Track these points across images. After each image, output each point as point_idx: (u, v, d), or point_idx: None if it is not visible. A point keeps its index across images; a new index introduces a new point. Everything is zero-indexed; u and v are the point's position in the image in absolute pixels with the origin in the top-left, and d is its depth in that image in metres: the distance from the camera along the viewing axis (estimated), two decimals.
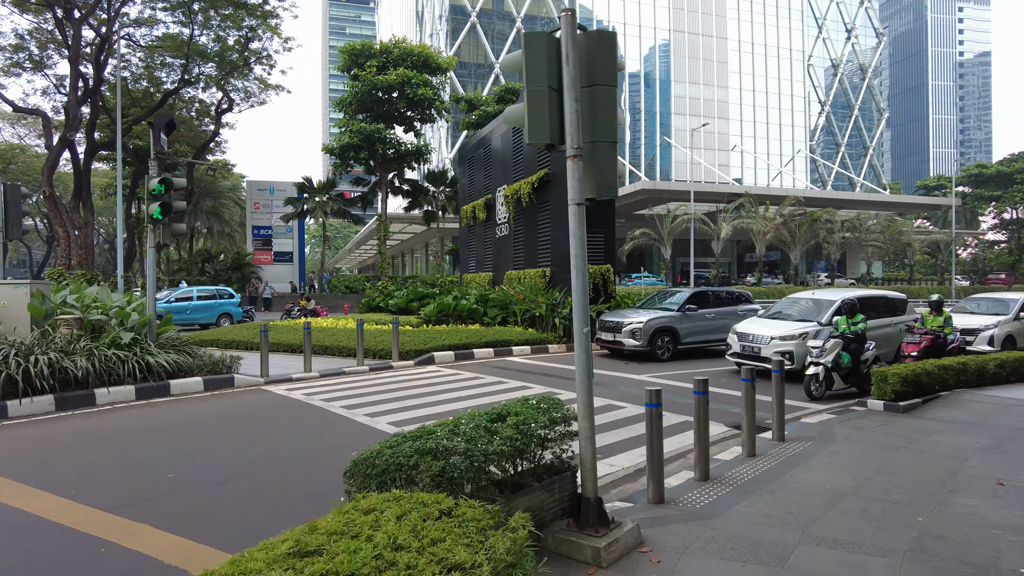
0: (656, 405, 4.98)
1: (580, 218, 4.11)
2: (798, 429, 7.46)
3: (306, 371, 11.44)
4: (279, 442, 6.96)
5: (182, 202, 10.42)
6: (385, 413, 8.27)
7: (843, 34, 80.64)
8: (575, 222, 4.11)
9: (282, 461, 6.24)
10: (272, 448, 6.73)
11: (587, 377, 4.03)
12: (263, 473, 5.81)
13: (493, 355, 14.12)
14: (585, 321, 4.05)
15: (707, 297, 14.93)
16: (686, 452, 6.60)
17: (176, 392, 9.70)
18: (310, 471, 5.89)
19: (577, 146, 4.04)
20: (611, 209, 17.13)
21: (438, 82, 33.58)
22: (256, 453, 6.52)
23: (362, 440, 6.92)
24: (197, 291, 22.96)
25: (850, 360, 9.59)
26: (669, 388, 10.21)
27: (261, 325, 12.83)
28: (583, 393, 4.03)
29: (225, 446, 6.82)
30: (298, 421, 7.98)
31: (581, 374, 4.03)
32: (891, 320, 12.29)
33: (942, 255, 56.56)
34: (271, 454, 6.48)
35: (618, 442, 6.95)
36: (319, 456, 6.38)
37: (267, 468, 5.97)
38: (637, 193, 44.29)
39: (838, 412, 8.48)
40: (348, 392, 9.83)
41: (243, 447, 6.79)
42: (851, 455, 6.29)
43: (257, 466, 6.03)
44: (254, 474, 5.77)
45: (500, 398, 9.21)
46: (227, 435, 7.32)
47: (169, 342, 10.39)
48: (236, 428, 7.67)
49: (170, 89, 31.08)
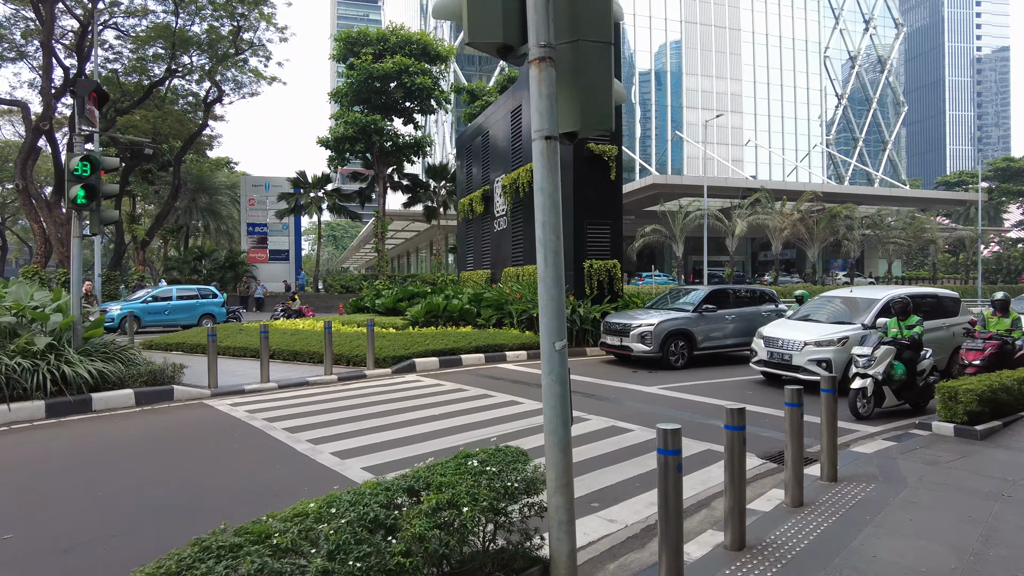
0: (673, 452, 3.39)
1: (551, 164, 2.53)
2: (852, 462, 5.83)
3: (263, 381, 9.91)
4: (180, 482, 5.42)
5: (113, 185, 8.93)
6: (333, 439, 6.71)
7: (860, 25, 78.25)
8: (544, 171, 2.53)
9: (168, 512, 4.69)
10: (167, 491, 5.18)
11: (562, 425, 2.45)
12: (128, 535, 4.27)
13: (484, 361, 12.55)
14: (559, 331, 2.48)
15: (726, 296, 13.26)
16: (711, 498, 5.01)
17: (100, 408, 8.21)
18: (195, 530, 4.32)
19: (545, 43, 2.45)
20: (618, 197, 15.49)
21: (438, 71, 32.00)
22: (140, 500, 4.98)
23: (293, 479, 5.39)
24: (177, 290, 21.56)
25: (904, 371, 7.93)
26: (686, 404, 8.59)
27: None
28: (555, 451, 2.46)
29: (109, 487, 5.29)
30: (222, 449, 6.45)
31: (553, 421, 2.46)
32: (942, 322, 10.58)
33: (967, 252, 54.26)
34: (160, 502, 4.94)
35: (622, 482, 5.35)
36: (219, 506, 4.83)
37: (138, 527, 4.43)
38: (647, 188, 42.54)
39: (896, 437, 6.83)
40: (301, 409, 8.29)
41: (130, 489, 5.25)
42: (936, 507, 4.65)
43: (128, 522, 4.49)
44: (114, 536, 4.23)
45: (481, 417, 7.64)
46: (122, 470, 5.78)
47: (99, 348, 8.90)
48: (140, 458, 6.14)
49: (154, 80, 29.72)
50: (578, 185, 14.68)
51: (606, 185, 15.09)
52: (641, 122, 67.02)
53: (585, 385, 10.09)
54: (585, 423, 7.40)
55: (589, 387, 9.91)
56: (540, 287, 2.47)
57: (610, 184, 15.14)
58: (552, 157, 2.53)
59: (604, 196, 15.10)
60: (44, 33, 22.83)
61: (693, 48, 68.25)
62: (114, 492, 5.15)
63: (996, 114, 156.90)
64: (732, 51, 69.82)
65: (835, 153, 73.48)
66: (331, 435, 6.87)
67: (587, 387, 9.90)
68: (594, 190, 14.87)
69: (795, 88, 72.70)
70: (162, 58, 30.90)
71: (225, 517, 4.52)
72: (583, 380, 10.56)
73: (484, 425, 7.25)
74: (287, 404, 8.65)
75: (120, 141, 23.29)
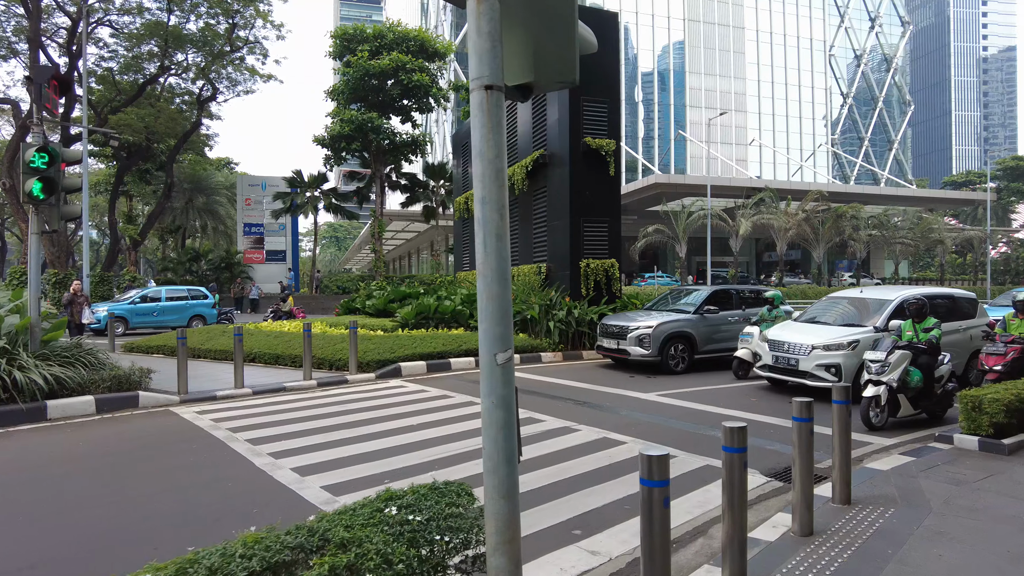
0: (659, 484, 2.81)
1: (493, 121, 1.95)
2: (867, 480, 5.23)
3: (236, 387, 9.35)
4: (116, 504, 4.85)
5: (76, 179, 8.37)
6: (297, 453, 6.14)
7: (866, 23, 77.35)
8: (484, 130, 1.96)
9: (85, 544, 4.13)
10: (97, 515, 4.62)
11: (504, 464, 1.87)
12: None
13: (474, 365, 11.96)
14: (501, 338, 1.90)
15: (729, 297, 12.65)
16: (709, 524, 4.42)
17: (56, 416, 7.66)
18: (105, 568, 3.77)
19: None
20: (617, 194, 14.88)
21: (436, 68, 31.44)
22: (60, 527, 4.41)
23: (241, 500, 4.84)
24: (166, 291, 21.05)
25: (921, 378, 7.32)
26: (685, 412, 8.00)
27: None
28: (496, 498, 1.87)
29: (34, 509, 4.72)
30: (175, 464, 5.88)
31: (493, 458, 1.88)
32: (959, 325, 9.95)
33: (975, 253, 53.39)
34: (83, 530, 4.37)
35: (610, 504, 4.76)
36: (148, 536, 4.26)
37: (44, 564, 3.87)
38: (650, 187, 41.90)
39: (914, 451, 6.23)
40: (271, 418, 7.72)
41: (57, 512, 4.68)
42: (969, 539, 4.04)
43: (38, 556, 3.92)
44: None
45: (461, 428, 7.06)
46: (56, 489, 5.22)
47: (59, 352, 8.35)
48: (81, 475, 5.59)
49: (148, 78, 29.26)
50: (575, 181, 14.09)
51: (604, 181, 14.49)
52: (644, 122, 66.34)
53: (578, 391, 9.50)
54: (573, 434, 6.81)
55: (582, 393, 9.32)
56: (479, 282, 1.90)
57: (608, 180, 14.55)
58: (495, 112, 1.95)
59: (602, 193, 14.50)
60: (31, 28, 22.39)
61: (696, 47, 67.50)
62: (38, 516, 4.58)
63: (1003, 114, 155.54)
64: (736, 49, 69.02)
65: (840, 153, 72.63)
66: (296, 448, 6.31)
67: (580, 394, 9.32)
68: (591, 187, 14.28)
69: (800, 87, 71.85)
70: (156, 56, 30.47)
71: (152, 549, 3.96)
72: (576, 386, 9.98)
73: (463, 437, 6.68)
74: (257, 412, 8.09)
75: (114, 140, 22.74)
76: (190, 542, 3.91)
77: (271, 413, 8.01)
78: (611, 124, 14.55)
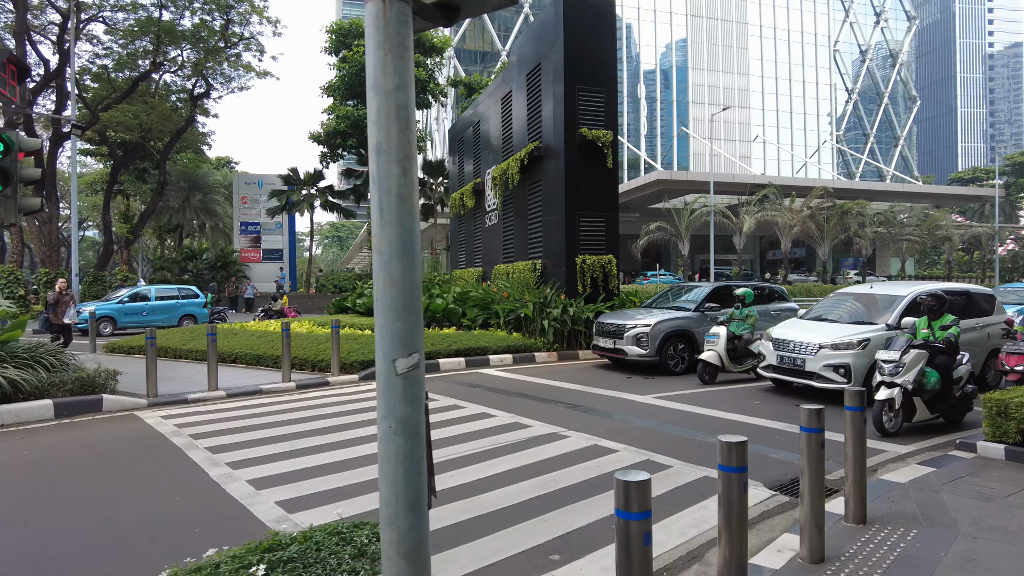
0: (638, 516, 2.30)
1: (395, 41, 1.42)
2: (884, 495, 4.70)
3: (210, 389, 8.86)
4: (46, 523, 4.34)
5: (35, 170, 7.85)
6: (258, 462, 5.63)
7: (871, 18, 76.50)
8: (381, 53, 1.42)
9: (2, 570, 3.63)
10: (19, 537, 4.12)
11: (407, 513, 1.35)
12: None
13: (464, 366, 11.44)
14: (403, 339, 1.37)
15: (731, 294, 12.08)
16: (706, 547, 3.89)
17: (9, 421, 7.17)
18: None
19: None
20: (614, 187, 14.30)
21: (432, 63, 30.94)
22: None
23: (186, 518, 4.33)
24: (156, 290, 20.60)
25: (938, 379, 6.76)
26: (684, 417, 7.46)
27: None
28: (393, 558, 1.34)
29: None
30: (124, 474, 5.38)
31: (391, 503, 1.35)
32: (975, 322, 9.38)
33: (983, 251, 52.61)
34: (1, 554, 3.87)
35: (595, 524, 4.23)
36: (72, 562, 3.76)
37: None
38: (652, 184, 41.27)
39: (933, 460, 5.68)
40: (239, 424, 7.22)
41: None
42: (1006, 569, 3.50)
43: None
44: None
45: (442, 434, 6.52)
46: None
47: (16, 354, 7.87)
48: (17, 488, 5.09)
49: (140, 74, 28.83)
50: (571, 174, 13.54)
51: (601, 174, 13.94)
52: (647, 119, 65.69)
53: (570, 394, 8.97)
54: (561, 442, 6.28)
55: (574, 396, 8.79)
56: (374, 261, 1.36)
57: (606, 173, 13.99)
58: (397, 30, 1.42)
59: (599, 186, 13.95)
60: (17, 22, 21.96)
61: (699, 43, 66.78)
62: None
63: (1009, 111, 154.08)
64: (739, 45, 68.27)
65: (846, 149, 71.80)
66: (258, 456, 5.80)
67: (572, 396, 8.78)
68: (588, 180, 13.73)
69: (804, 83, 71.05)
70: (149, 52, 30.05)
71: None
72: (569, 388, 9.45)
73: (445, 444, 6.16)
74: (227, 416, 7.58)
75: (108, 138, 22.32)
76: (122, 569, 3.41)
77: (241, 418, 7.51)
78: (608, 114, 13.99)
